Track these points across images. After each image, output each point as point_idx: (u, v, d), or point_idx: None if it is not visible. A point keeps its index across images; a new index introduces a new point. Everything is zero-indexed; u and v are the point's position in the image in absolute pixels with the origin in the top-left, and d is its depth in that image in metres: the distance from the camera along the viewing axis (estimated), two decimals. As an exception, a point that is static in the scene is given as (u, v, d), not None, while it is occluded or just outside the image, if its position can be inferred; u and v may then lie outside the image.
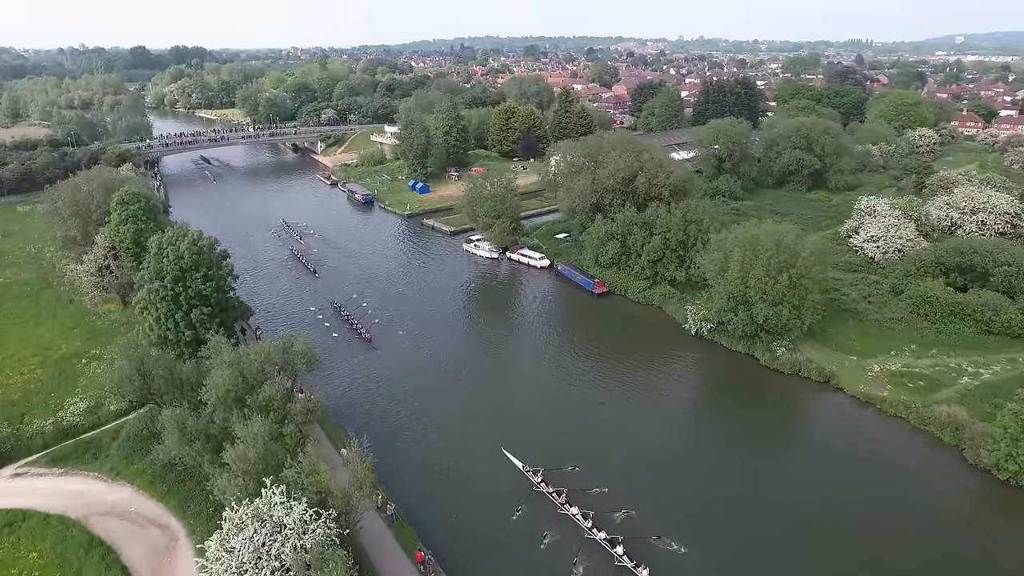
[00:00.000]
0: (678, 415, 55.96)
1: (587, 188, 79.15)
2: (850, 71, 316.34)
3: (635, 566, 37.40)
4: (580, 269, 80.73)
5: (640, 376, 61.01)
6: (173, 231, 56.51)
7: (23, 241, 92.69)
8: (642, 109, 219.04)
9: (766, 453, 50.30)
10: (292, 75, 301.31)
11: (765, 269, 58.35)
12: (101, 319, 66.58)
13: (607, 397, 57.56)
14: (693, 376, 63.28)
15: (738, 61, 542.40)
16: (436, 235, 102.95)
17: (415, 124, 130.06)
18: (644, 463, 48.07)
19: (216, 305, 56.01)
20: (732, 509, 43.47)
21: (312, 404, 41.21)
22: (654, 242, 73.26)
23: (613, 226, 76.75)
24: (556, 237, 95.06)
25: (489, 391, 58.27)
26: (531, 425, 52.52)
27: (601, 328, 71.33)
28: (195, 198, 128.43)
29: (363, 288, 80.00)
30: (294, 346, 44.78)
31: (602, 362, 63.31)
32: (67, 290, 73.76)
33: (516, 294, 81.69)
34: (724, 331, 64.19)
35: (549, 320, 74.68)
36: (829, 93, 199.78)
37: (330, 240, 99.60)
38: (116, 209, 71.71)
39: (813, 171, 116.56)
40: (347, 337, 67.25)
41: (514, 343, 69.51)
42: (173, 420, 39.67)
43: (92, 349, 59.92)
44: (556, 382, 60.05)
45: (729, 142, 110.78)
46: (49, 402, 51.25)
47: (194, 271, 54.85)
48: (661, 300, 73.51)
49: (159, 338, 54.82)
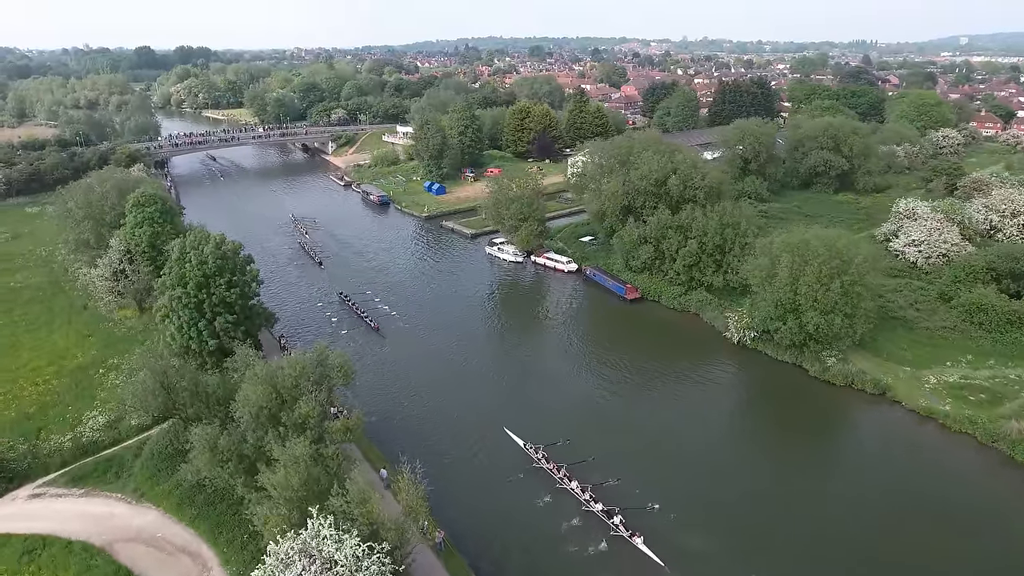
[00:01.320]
0: (719, 424, 53.29)
1: (618, 190, 76.25)
2: (862, 71, 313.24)
3: (630, 535, 38.98)
4: (610, 273, 77.89)
5: (678, 383, 58.47)
6: (196, 235, 53.84)
7: (33, 243, 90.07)
8: (654, 109, 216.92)
9: (816, 467, 47.39)
10: (298, 75, 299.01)
11: (816, 275, 55.44)
12: (117, 326, 63.88)
13: (643, 403, 55.40)
14: (735, 385, 60.40)
15: (745, 62, 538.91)
16: (456, 238, 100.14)
17: (431, 124, 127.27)
18: (683, 470, 46.32)
19: (240, 312, 53.36)
20: (773, 518, 41.53)
21: (352, 422, 38.42)
22: (690, 246, 70.39)
23: (646, 229, 73.91)
24: (581, 240, 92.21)
25: (518, 394, 56.04)
26: (563, 428, 50.31)
27: (634, 334, 68.56)
28: (206, 199, 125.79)
29: (387, 292, 77.25)
30: (329, 358, 41.98)
31: (637, 368, 60.68)
32: (81, 295, 71.09)
33: (543, 298, 78.88)
34: (769, 340, 61.31)
35: (579, 325, 71.92)
36: (845, 93, 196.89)
37: (350, 243, 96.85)
38: (132, 211, 69.13)
39: (840, 172, 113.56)
40: (375, 342, 64.55)
41: (542, 347, 67.00)
42: (203, 439, 36.89)
43: (109, 358, 57.19)
44: (587, 386, 57.87)
45: (755, 142, 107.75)
46: (66, 416, 48.50)
47: (218, 277, 52.22)
48: (697, 306, 70.64)
49: (181, 348, 52.16)
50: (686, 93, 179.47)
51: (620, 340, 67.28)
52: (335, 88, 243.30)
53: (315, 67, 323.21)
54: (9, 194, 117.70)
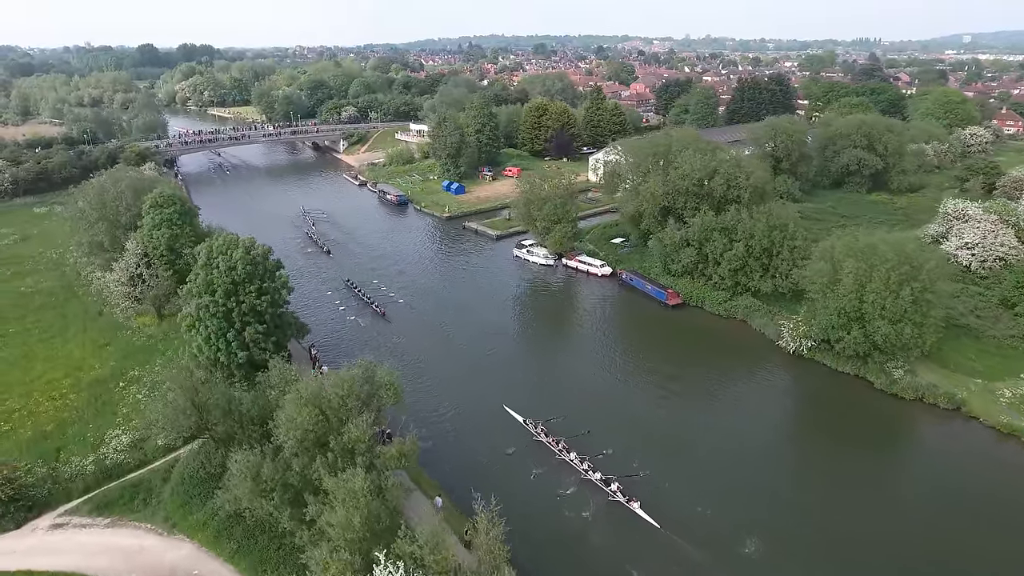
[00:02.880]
0: (776, 436, 50.35)
1: (658, 190, 72.67)
2: (874, 69, 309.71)
3: (627, 500, 40.48)
4: (649, 278, 74.29)
5: (727, 393, 55.28)
6: (224, 239, 50.30)
7: (43, 245, 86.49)
8: (667, 107, 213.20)
9: (886, 486, 43.82)
10: (304, 73, 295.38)
11: (884, 282, 51.89)
12: (136, 334, 60.32)
13: (690, 413, 52.61)
14: (791, 396, 57.18)
15: (752, 60, 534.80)
16: (480, 239, 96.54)
17: (449, 122, 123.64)
18: (737, 492, 42.99)
19: (271, 322, 49.87)
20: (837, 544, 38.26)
21: (407, 447, 34.91)
22: (736, 249, 66.84)
23: (688, 231, 70.35)
24: (612, 242, 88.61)
25: (558, 402, 52.53)
26: (606, 441, 47.40)
27: (678, 341, 65.15)
28: (217, 198, 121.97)
29: (412, 298, 73.78)
30: (376, 374, 38.48)
31: (682, 376, 57.56)
32: (95, 300, 67.53)
33: (576, 302, 75.52)
34: (828, 350, 57.77)
35: (617, 330, 68.58)
36: (864, 91, 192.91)
37: (371, 245, 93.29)
38: (149, 212, 65.70)
39: (873, 172, 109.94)
40: (418, 352, 61.14)
41: (576, 350, 64.21)
42: (245, 468, 33.41)
43: (129, 370, 53.64)
44: (629, 393, 55.38)
45: (787, 141, 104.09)
46: (87, 435, 44.96)
47: (247, 284, 48.75)
48: (745, 313, 67.08)
49: (208, 360, 48.66)
50: (704, 90, 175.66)
51: (662, 347, 63.93)
52: (342, 86, 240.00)
53: (322, 65, 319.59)
54: (16, 193, 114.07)
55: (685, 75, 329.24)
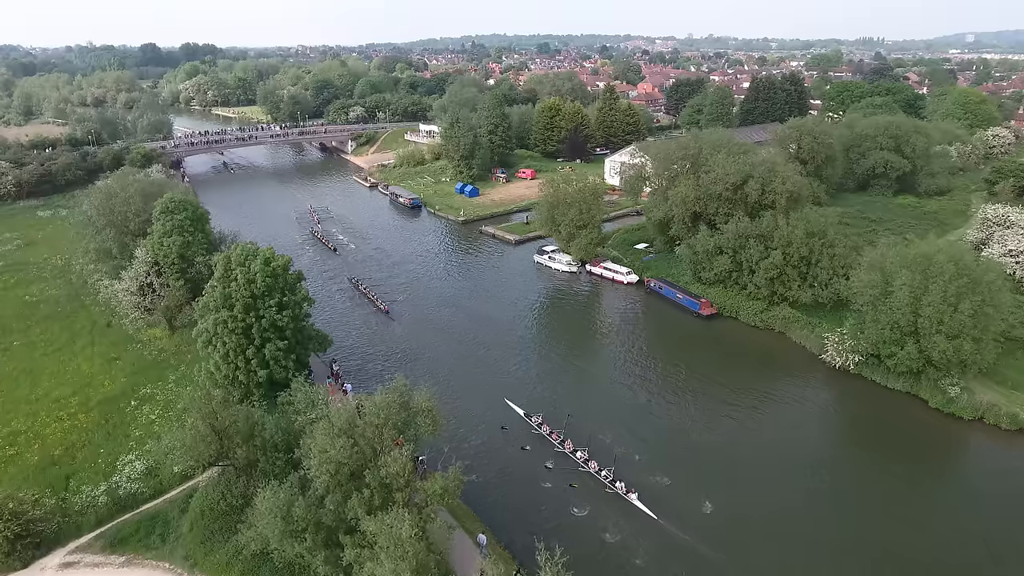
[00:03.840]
0: (817, 456, 47.29)
1: (689, 195, 69.66)
2: (885, 68, 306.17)
3: (626, 492, 40.86)
4: (680, 286, 71.26)
5: (766, 409, 52.60)
6: (242, 249, 47.37)
7: (48, 251, 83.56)
8: (678, 107, 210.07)
9: (944, 514, 40.99)
10: (308, 72, 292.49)
11: (942, 295, 48.86)
12: (147, 347, 57.38)
13: (727, 430, 49.74)
14: (836, 414, 54.30)
15: (758, 59, 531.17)
16: (498, 244, 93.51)
17: (462, 122, 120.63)
18: (776, 510, 40.85)
19: (291, 338, 46.95)
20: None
21: (450, 481, 31.91)
22: (773, 258, 63.80)
23: (722, 238, 67.33)
24: (636, 248, 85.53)
25: (587, 414, 49.95)
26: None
27: (712, 353, 62.10)
28: (225, 201, 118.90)
29: (433, 308, 70.88)
30: (413, 400, 35.50)
31: (717, 391, 54.91)
32: (104, 311, 64.67)
33: (603, 312, 72.60)
34: (877, 365, 54.74)
35: (647, 341, 65.55)
36: (879, 90, 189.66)
37: (388, 251, 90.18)
38: (159, 219, 62.87)
39: (900, 174, 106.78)
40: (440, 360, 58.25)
41: (607, 365, 61.16)
42: (275, 507, 30.48)
43: (141, 387, 50.70)
44: (660, 407, 52.84)
45: (813, 142, 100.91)
46: (98, 460, 42.06)
47: (267, 297, 45.85)
48: (783, 324, 64.07)
49: (225, 378, 45.76)
50: (720, 90, 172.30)
51: (696, 359, 60.92)
52: (348, 85, 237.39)
53: (327, 64, 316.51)
54: (19, 196, 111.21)
55: (691, 74, 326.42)
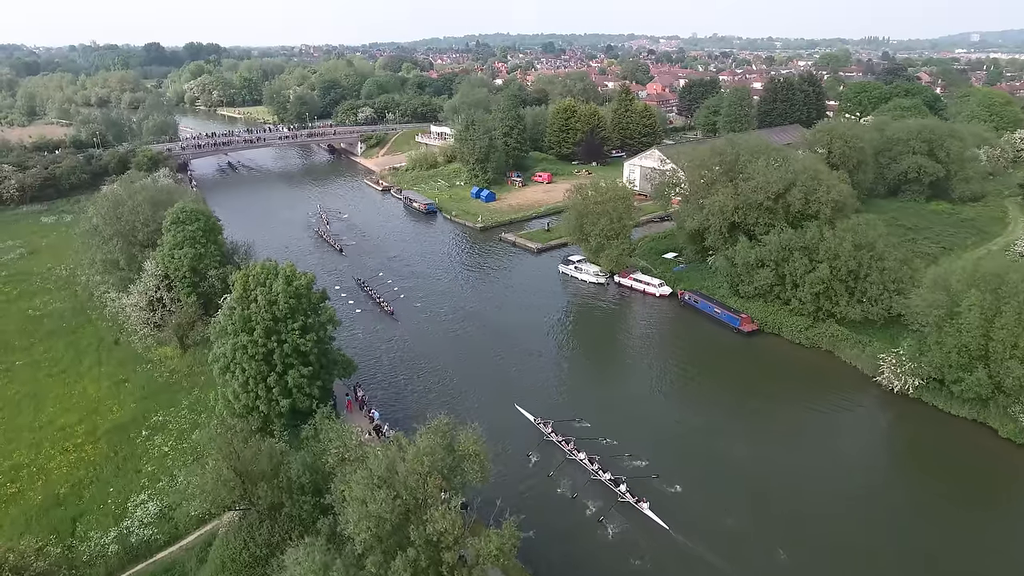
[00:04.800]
0: (869, 485, 43.79)
1: (728, 204, 66.03)
2: (898, 68, 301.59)
3: (636, 501, 40.17)
4: (717, 300, 67.59)
5: (813, 433, 49.70)
6: (262, 267, 43.85)
7: (52, 260, 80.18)
8: (691, 108, 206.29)
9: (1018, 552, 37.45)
10: (314, 72, 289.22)
11: (1016, 317, 45.23)
12: (157, 368, 53.93)
13: (770, 454, 46.86)
14: (893, 441, 51.12)
15: (765, 59, 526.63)
16: (519, 253, 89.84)
17: (478, 124, 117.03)
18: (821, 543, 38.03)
19: (315, 363, 43.41)
20: None
21: (506, 538, 28.36)
22: (820, 271, 60.14)
23: (764, 250, 63.68)
24: (664, 257, 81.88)
25: (618, 434, 46.64)
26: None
27: (754, 372, 58.58)
28: (234, 203, 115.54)
29: (461, 323, 67.35)
30: (459, 442, 31.88)
31: (760, 412, 51.90)
32: (111, 326, 61.26)
33: (635, 326, 69.18)
34: (938, 389, 51.07)
35: (683, 358, 61.84)
36: (898, 91, 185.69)
37: (407, 261, 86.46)
38: (170, 229, 59.42)
39: (934, 180, 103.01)
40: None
41: (639, 382, 57.99)
42: (310, 572, 26.93)
43: (152, 414, 47.25)
44: (698, 428, 49.65)
45: (845, 146, 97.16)
46: (107, 501, 38.57)
47: (290, 320, 42.28)
48: (831, 342, 60.37)
49: (245, 408, 42.25)
50: (738, 91, 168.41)
51: (736, 378, 57.72)
52: (355, 86, 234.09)
53: (333, 63, 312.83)
54: (23, 200, 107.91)
55: (700, 74, 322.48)
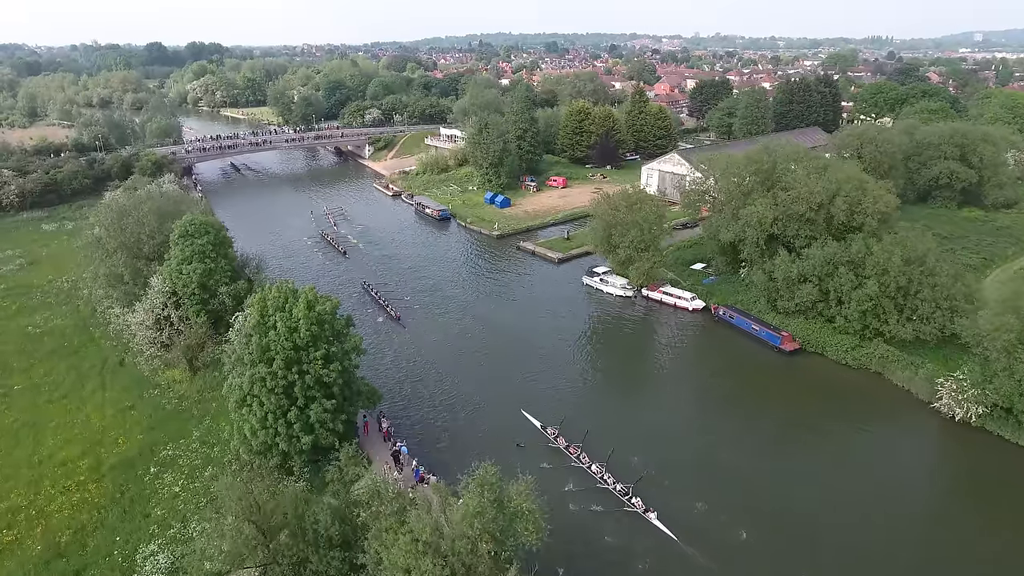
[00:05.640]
0: (923, 521, 40.92)
1: (766, 215, 62.47)
2: (911, 68, 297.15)
3: (644, 511, 39.08)
4: (754, 316, 64.00)
5: (860, 461, 46.10)
6: (280, 291, 40.33)
7: (53, 271, 76.67)
8: (702, 109, 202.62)
9: None
10: (318, 72, 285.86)
11: (1098, 343, 41.73)
12: (164, 393, 50.41)
13: (811, 482, 43.59)
14: (951, 473, 47.93)
15: (771, 59, 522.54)
16: (538, 262, 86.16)
17: (492, 128, 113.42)
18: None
19: (339, 395, 39.88)
20: None
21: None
22: (868, 288, 56.55)
23: (806, 264, 60.10)
24: (693, 268, 78.23)
25: (651, 455, 42.44)
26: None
27: (796, 394, 55.17)
28: (240, 209, 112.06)
29: (476, 332, 63.82)
30: (509, 498, 28.39)
31: (802, 438, 48.96)
32: (115, 345, 57.80)
33: (664, 342, 65.57)
34: (1006, 418, 47.51)
35: (717, 377, 58.56)
36: (915, 93, 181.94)
37: (419, 269, 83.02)
38: (178, 243, 56.01)
39: (966, 186, 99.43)
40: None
41: (671, 402, 54.98)
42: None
43: (161, 446, 43.72)
44: (733, 454, 45.93)
45: (876, 151, 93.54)
46: (113, 552, 35.00)
47: (312, 349, 38.74)
48: (880, 363, 56.76)
49: (263, 445, 38.76)
50: (754, 92, 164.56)
51: (777, 400, 54.32)
52: (360, 86, 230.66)
53: (337, 63, 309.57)
54: (23, 207, 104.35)
55: (708, 74, 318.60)
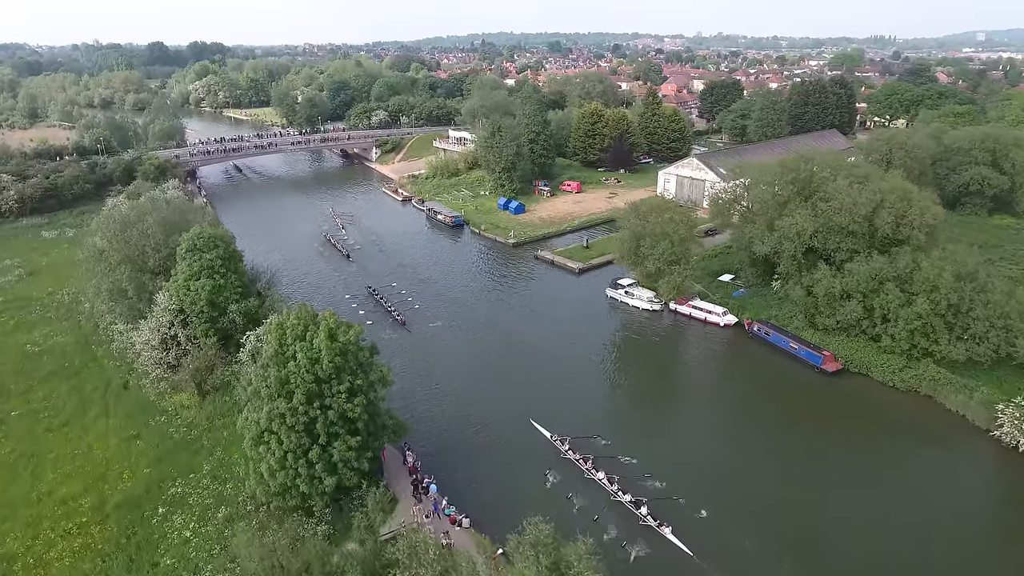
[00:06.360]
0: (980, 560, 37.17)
1: (806, 227, 59.15)
2: (922, 69, 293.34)
3: (658, 525, 38.24)
4: (792, 334, 60.66)
5: (907, 491, 43.18)
6: (299, 317, 37.03)
7: (53, 282, 73.40)
8: (712, 110, 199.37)
9: None
10: (322, 72, 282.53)
11: None
12: (172, 420, 47.14)
13: (854, 512, 40.58)
14: (1012, 507, 43.94)
15: (776, 59, 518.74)
16: (557, 272, 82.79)
17: (506, 131, 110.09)
18: None
19: (364, 431, 36.60)
20: None
21: None
22: (918, 305, 53.24)
23: (851, 280, 56.78)
24: (721, 280, 74.79)
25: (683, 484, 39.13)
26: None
27: (839, 418, 51.88)
28: (246, 215, 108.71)
29: (496, 342, 60.53)
30: (568, 562, 25.11)
31: (846, 465, 45.79)
32: (119, 365, 54.55)
33: (695, 360, 62.63)
34: (1075, 449, 44.35)
35: (751, 399, 55.49)
36: (930, 94, 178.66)
37: (435, 280, 79.71)
38: (186, 257, 52.81)
39: (998, 192, 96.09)
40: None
41: (708, 424, 51.66)
42: None
43: (169, 484, 40.42)
44: (771, 482, 42.04)
45: (906, 157, 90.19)
46: (119, 609, 31.95)
47: (335, 382, 35.46)
48: (930, 386, 53.44)
49: (282, 487, 35.46)
50: (769, 94, 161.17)
51: (818, 424, 51.22)
52: (365, 87, 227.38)
53: (340, 63, 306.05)
54: (22, 213, 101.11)
55: (714, 75, 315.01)
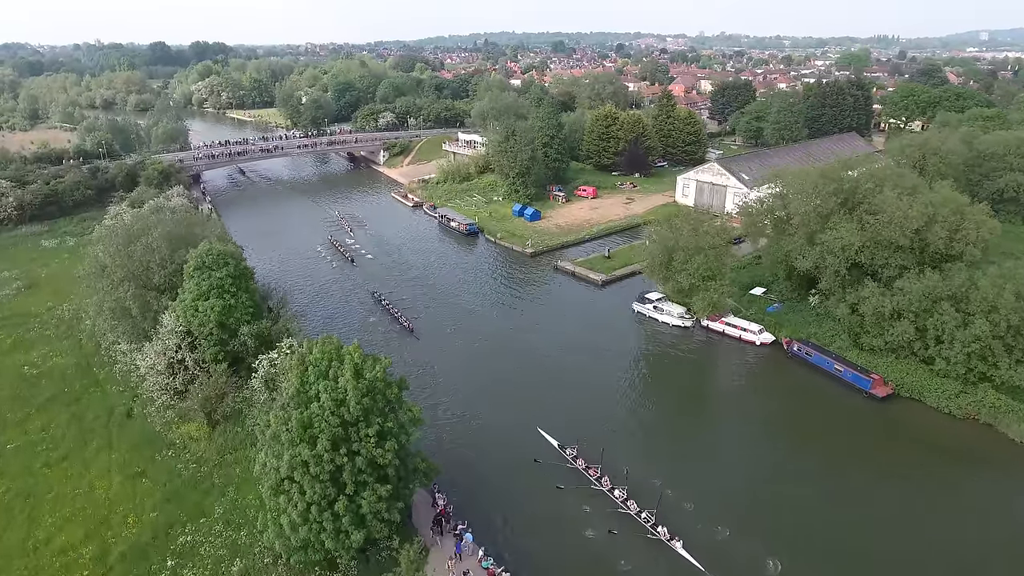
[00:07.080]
0: None
1: (852, 242, 55.62)
2: (934, 69, 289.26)
3: (669, 539, 36.94)
4: (836, 355, 57.10)
5: (971, 527, 39.92)
6: (322, 351, 33.55)
7: (53, 296, 69.95)
8: (724, 112, 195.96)
9: None
10: (326, 72, 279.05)
11: None
12: (180, 454, 43.68)
13: (911, 548, 37.39)
14: None
15: (782, 58, 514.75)
16: (579, 285, 79.23)
17: (521, 135, 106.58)
18: None
19: (394, 478, 33.14)
20: None
21: None
22: (977, 326, 49.75)
23: (901, 298, 53.27)
24: (752, 294, 71.22)
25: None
26: None
27: (893, 448, 48.38)
28: (252, 223, 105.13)
29: (520, 367, 57.05)
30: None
31: (900, 499, 42.23)
32: (122, 391, 51.12)
33: (727, 380, 59.54)
34: None
35: (793, 425, 52.07)
36: (948, 96, 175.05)
37: (455, 292, 76.41)
38: (193, 276, 49.51)
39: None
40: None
41: (746, 454, 48.02)
42: None
43: (179, 530, 36.89)
44: (820, 513, 38.47)
45: (940, 163, 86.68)
46: None
47: (363, 424, 31.99)
48: (991, 413, 49.93)
49: (304, 542, 32.01)
50: (786, 96, 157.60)
51: (867, 454, 47.56)
52: (370, 88, 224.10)
53: (345, 64, 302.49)
54: (22, 220, 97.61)
55: (722, 75, 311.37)
